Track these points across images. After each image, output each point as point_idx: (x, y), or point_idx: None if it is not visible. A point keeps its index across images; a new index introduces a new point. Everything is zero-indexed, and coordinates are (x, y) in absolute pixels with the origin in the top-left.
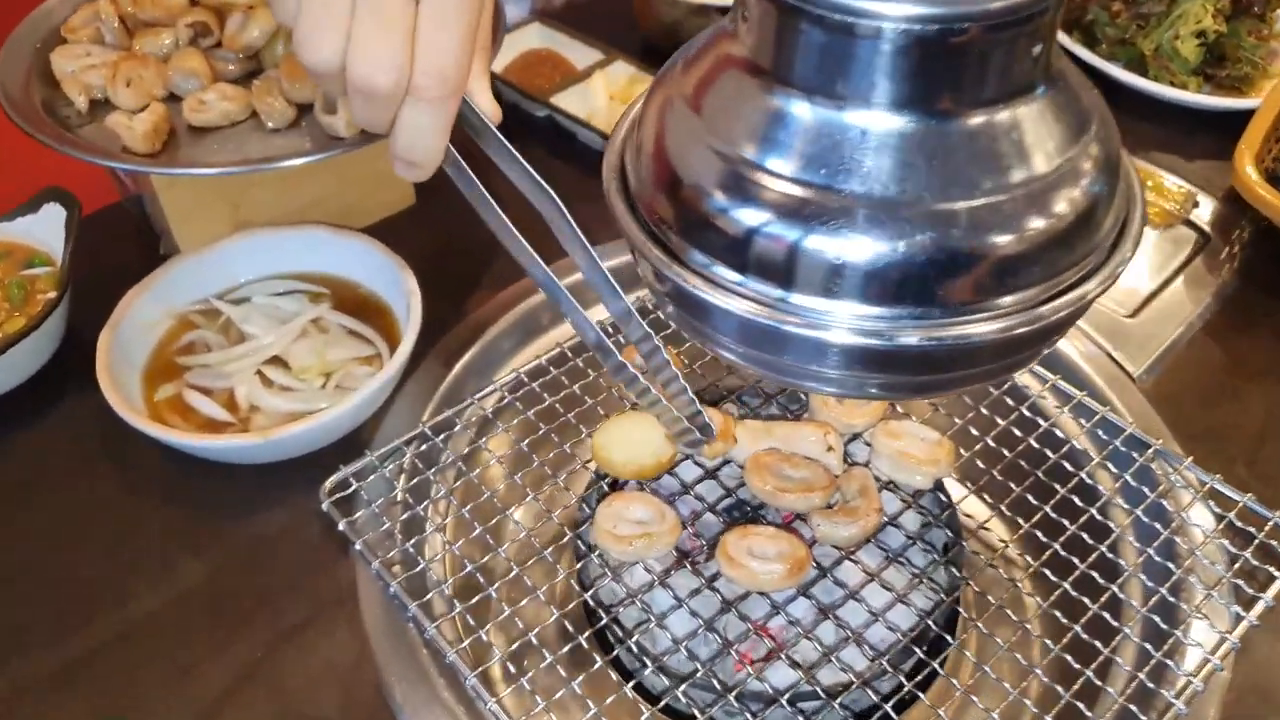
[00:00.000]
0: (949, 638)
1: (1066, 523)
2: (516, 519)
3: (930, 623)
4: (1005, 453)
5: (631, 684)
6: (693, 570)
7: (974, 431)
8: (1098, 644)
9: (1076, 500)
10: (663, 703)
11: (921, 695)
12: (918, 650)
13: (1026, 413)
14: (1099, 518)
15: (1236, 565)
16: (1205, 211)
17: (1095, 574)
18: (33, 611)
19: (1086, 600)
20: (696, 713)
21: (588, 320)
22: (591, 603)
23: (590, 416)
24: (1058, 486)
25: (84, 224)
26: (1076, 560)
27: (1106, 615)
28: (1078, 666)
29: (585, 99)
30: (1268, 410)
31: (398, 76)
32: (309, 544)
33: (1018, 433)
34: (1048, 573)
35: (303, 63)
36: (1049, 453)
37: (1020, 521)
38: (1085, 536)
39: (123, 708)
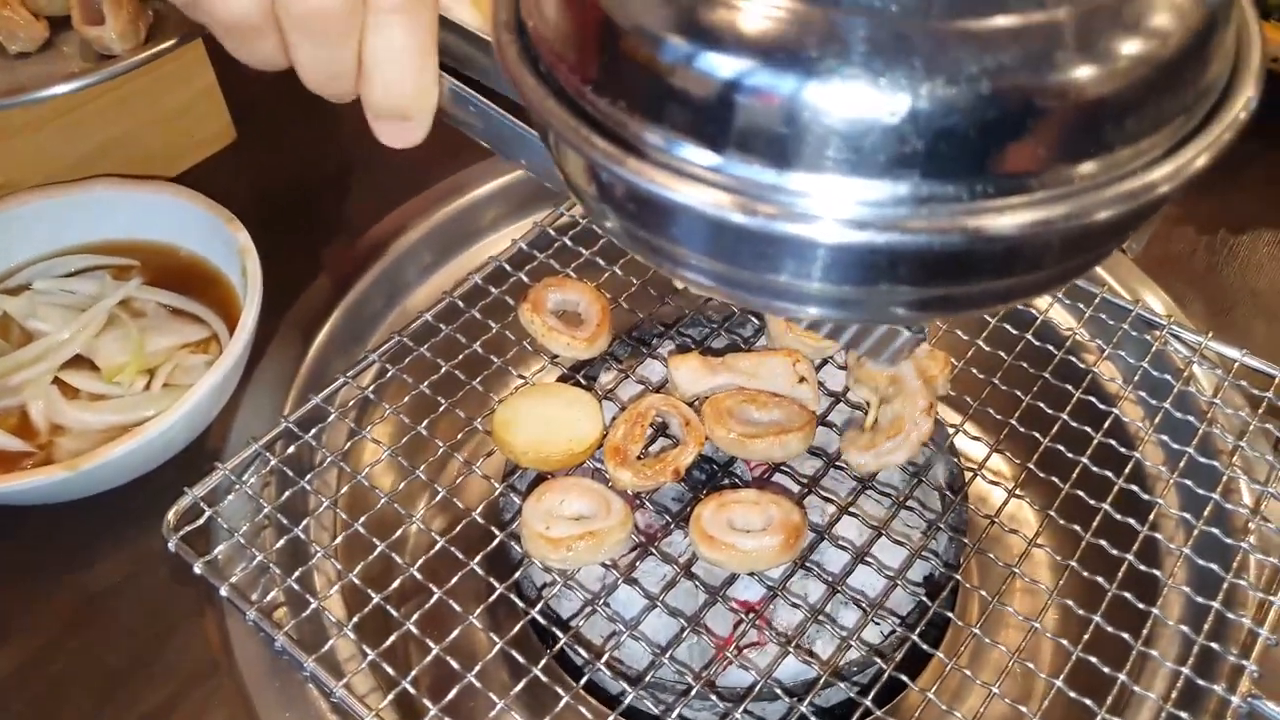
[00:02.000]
0: (956, 575)
1: (1090, 430)
2: (422, 524)
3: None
4: (1003, 356)
5: (618, 713)
6: (661, 557)
7: (963, 336)
8: (1153, 571)
9: (1095, 402)
10: None
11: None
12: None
13: (1018, 307)
14: (1123, 417)
15: None
16: None
17: (1134, 488)
18: None
19: (1109, 549)
20: None
21: None
22: (541, 620)
23: (499, 380)
24: (1070, 388)
25: None
26: (1110, 474)
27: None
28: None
29: None
30: (1274, 263)
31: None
32: (158, 597)
33: (1012, 331)
34: (1068, 523)
35: (208, 13)
36: (1052, 349)
37: (1038, 436)
38: (1113, 444)
39: None
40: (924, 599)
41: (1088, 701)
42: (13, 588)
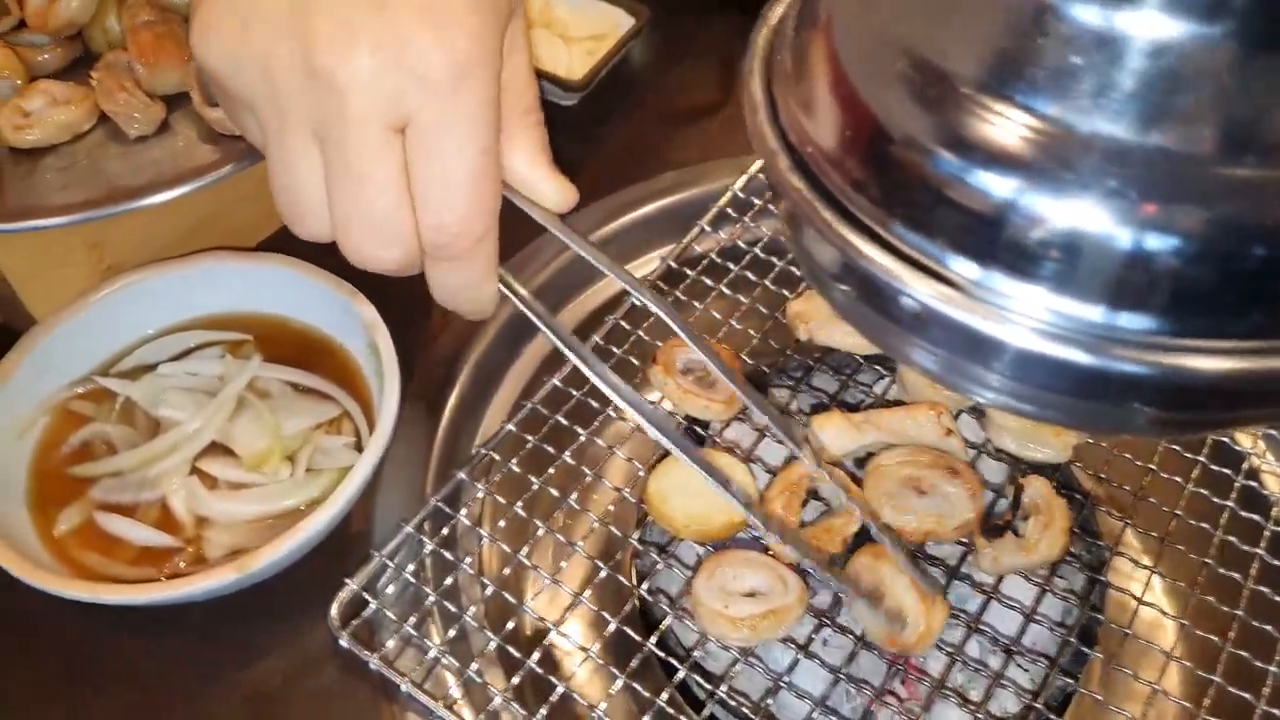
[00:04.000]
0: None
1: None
2: (590, 603)
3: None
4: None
5: None
6: (837, 628)
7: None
8: None
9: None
10: None
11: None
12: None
13: None
14: None
15: None
16: None
17: None
18: None
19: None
20: None
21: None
22: (692, 679)
23: (641, 444)
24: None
25: None
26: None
27: None
28: None
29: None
30: None
31: (404, 249)
32: (328, 693)
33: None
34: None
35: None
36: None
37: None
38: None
39: None
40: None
41: None
42: (178, 685)
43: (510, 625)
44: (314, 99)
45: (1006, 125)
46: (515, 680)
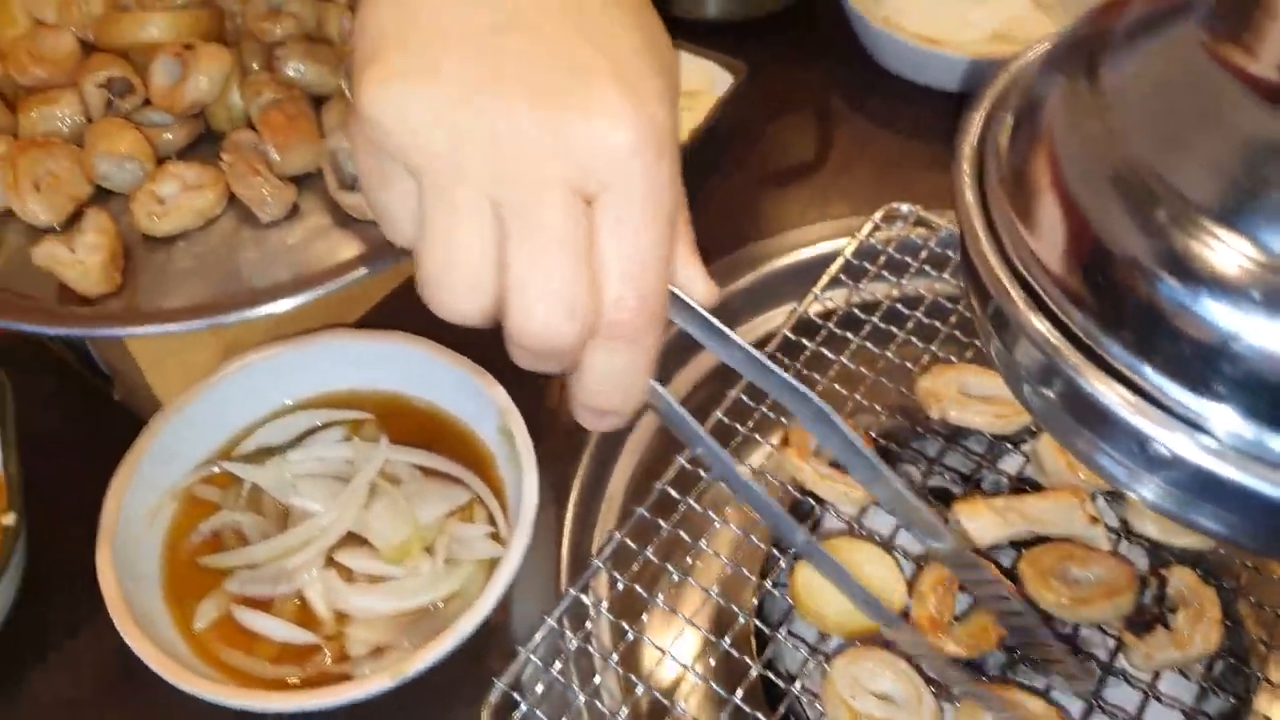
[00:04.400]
0: None
1: None
2: (743, 704)
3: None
4: None
5: None
6: None
7: None
8: None
9: None
10: None
11: None
12: None
13: None
14: None
15: None
16: None
17: None
18: None
19: None
20: None
21: None
22: None
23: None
24: None
25: None
26: None
27: None
28: None
29: None
30: None
31: (583, 321)
32: None
33: None
34: None
35: (435, 310)
36: None
37: None
38: None
39: None
40: None
41: None
42: None
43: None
44: (502, 160)
45: (1236, 258)
46: None
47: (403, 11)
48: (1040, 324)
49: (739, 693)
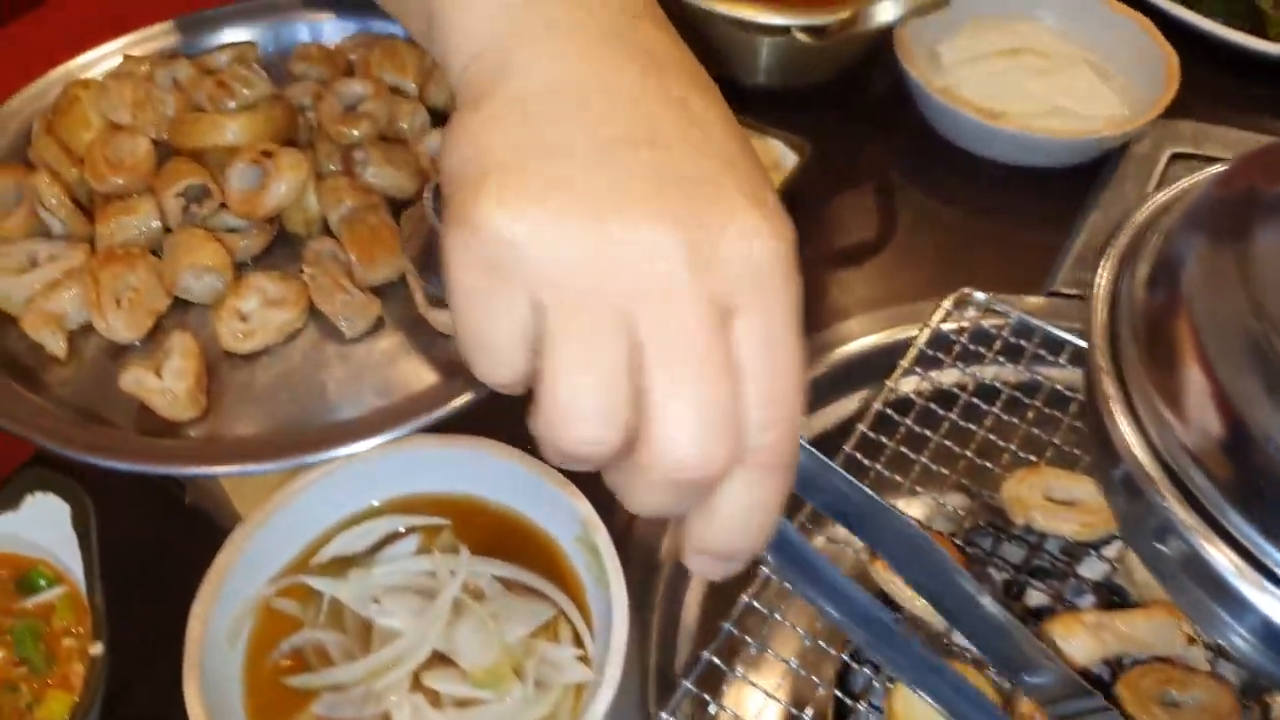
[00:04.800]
0: None
1: None
2: None
3: None
4: None
5: None
6: None
7: None
8: None
9: None
10: None
11: None
12: None
13: None
14: None
15: None
16: None
17: None
18: None
19: None
20: None
21: None
22: None
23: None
24: None
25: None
26: None
27: None
28: None
29: None
30: None
31: (730, 448)
32: None
33: None
34: None
35: (556, 445)
36: None
37: None
38: None
39: None
40: None
41: None
42: None
43: None
44: (641, 277)
45: None
46: None
47: (525, 129)
48: (1171, 498)
49: None
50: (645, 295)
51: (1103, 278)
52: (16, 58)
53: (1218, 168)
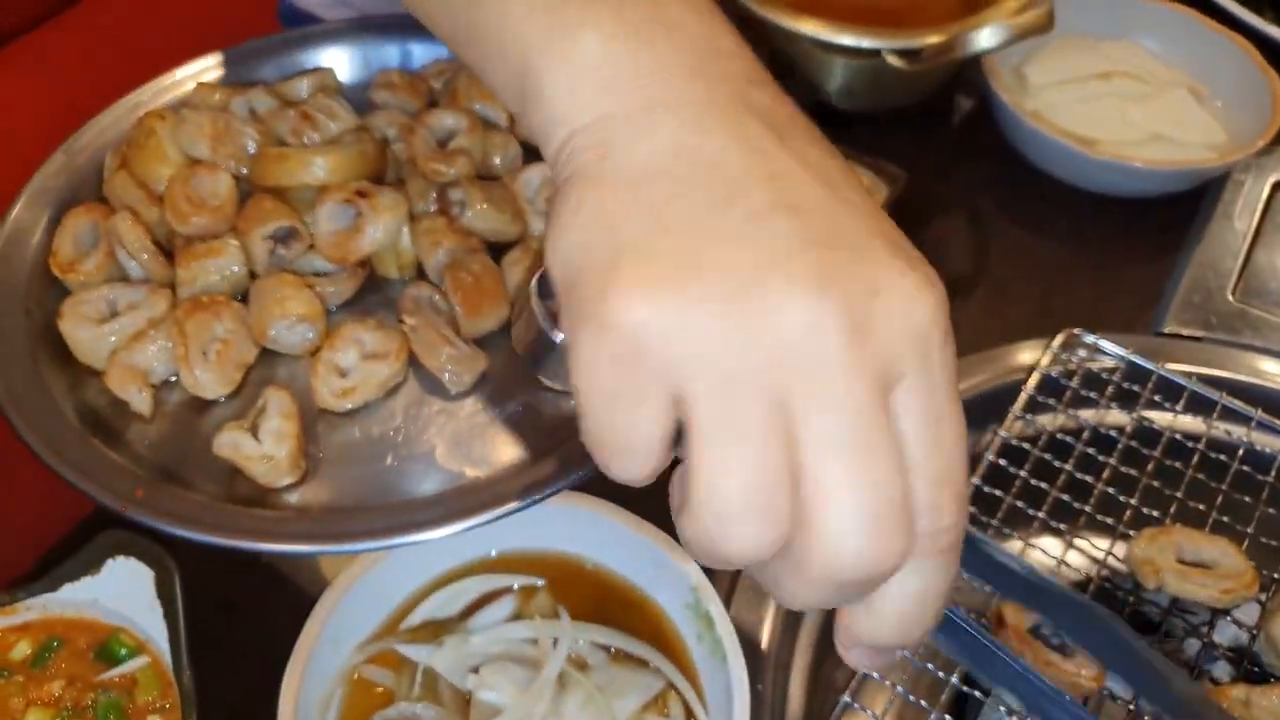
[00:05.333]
0: None
1: None
2: None
3: None
4: None
5: None
6: None
7: None
8: None
9: None
10: None
11: None
12: None
13: None
14: None
15: None
16: None
17: None
18: None
19: None
20: None
21: None
22: None
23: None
24: None
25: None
26: None
27: None
28: None
29: None
30: None
31: (905, 539)
32: None
33: None
34: None
35: (706, 547)
36: None
37: None
38: None
39: None
40: None
41: None
42: None
43: None
44: (795, 356)
45: None
46: None
47: (638, 209)
48: None
49: None
50: (800, 373)
51: None
52: (52, 60)
53: None
